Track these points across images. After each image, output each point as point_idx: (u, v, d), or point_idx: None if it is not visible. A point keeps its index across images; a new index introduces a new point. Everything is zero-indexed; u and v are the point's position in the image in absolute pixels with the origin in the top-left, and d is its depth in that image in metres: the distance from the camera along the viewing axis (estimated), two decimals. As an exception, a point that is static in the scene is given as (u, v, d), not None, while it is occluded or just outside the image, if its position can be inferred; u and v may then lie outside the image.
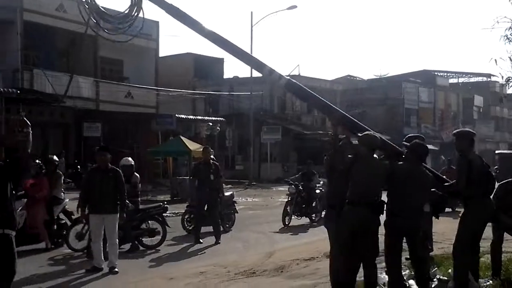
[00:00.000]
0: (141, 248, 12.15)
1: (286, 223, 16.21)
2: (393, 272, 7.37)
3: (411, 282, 7.91)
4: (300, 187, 17.01)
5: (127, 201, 10.86)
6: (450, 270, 8.12)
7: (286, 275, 8.49)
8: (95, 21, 7.73)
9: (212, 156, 14.41)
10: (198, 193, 13.55)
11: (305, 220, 16.92)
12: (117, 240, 10.30)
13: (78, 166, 28.29)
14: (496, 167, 22.87)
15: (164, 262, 11.14)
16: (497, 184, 8.48)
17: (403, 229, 7.22)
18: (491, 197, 7.93)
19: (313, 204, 17.01)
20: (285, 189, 18.61)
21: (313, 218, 16.96)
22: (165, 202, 14.13)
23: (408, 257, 9.02)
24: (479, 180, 7.41)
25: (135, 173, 12.28)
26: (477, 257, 7.98)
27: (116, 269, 10.01)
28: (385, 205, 7.30)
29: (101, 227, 10.15)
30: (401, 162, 7.43)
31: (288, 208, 16.46)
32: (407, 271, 8.65)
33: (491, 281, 8.36)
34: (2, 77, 27.52)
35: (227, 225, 15.00)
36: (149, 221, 12.42)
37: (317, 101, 8.13)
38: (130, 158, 12.53)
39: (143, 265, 10.82)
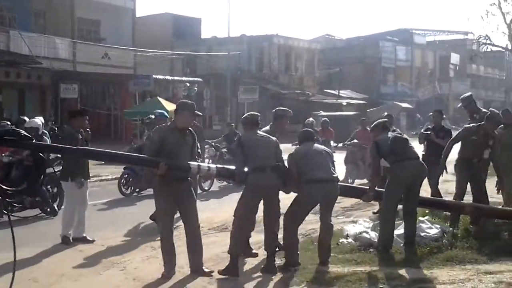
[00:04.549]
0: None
1: (206, 188, 14.95)
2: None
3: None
4: (225, 150, 16.70)
5: None
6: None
7: (257, 230, 8.87)
8: None
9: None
10: None
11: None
12: None
13: (56, 128, 28.37)
14: None
15: (134, 222, 11.21)
16: None
17: None
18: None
19: None
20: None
21: None
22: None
23: None
24: (392, 149, 8.17)
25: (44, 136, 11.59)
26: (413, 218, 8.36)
27: None
28: None
29: None
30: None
31: None
32: None
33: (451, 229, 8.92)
34: (-22, 39, 27.42)
35: None
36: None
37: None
38: (37, 120, 11.89)
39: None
